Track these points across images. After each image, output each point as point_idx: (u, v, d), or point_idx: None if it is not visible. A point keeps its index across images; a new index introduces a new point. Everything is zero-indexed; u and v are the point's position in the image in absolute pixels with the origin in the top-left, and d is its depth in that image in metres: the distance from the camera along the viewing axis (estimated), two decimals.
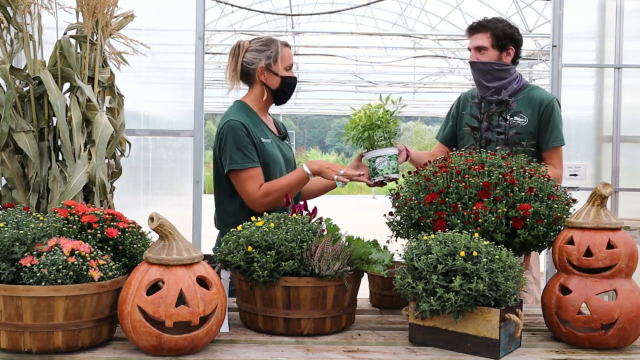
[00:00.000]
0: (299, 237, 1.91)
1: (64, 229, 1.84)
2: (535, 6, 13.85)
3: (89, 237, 1.86)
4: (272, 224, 1.94)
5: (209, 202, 3.14)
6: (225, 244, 1.96)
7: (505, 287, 1.72)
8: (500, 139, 2.53)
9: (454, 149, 2.84)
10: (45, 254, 1.69)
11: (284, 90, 2.71)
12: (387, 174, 2.54)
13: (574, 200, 2.09)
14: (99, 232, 1.88)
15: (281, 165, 2.69)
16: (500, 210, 1.92)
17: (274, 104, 2.78)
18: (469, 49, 3.15)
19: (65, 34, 2.50)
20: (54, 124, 2.42)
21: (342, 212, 15.67)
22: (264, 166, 2.62)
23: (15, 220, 1.75)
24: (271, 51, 2.67)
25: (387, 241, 2.11)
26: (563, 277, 1.88)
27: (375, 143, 2.55)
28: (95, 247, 1.82)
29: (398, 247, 1.93)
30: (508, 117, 2.57)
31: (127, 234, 1.93)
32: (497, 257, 1.75)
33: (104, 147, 2.39)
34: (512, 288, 1.74)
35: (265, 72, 2.67)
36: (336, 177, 2.50)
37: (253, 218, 2.04)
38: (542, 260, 4.07)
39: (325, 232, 1.98)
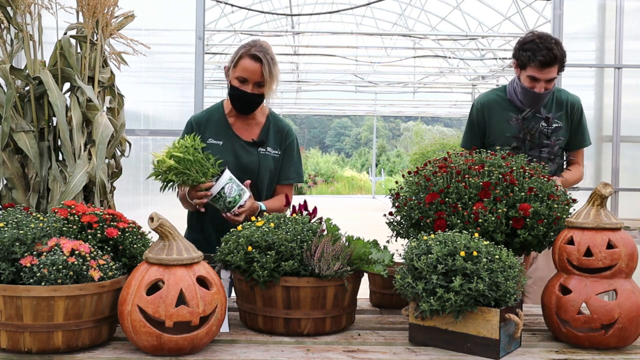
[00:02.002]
0: (299, 237, 1.91)
1: (64, 229, 1.84)
2: (535, 6, 13.85)
3: (89, 237, 1.86)
4: (272, 224, 1.94)
5: None
6: (225, 244, 1.97)
7: (505, 287, 1.72)
8: (545, 156, 2.57)
9: None
10: (45, 254, 1.69)
11: (231, 99, 2.63)
12: (240, 195, 2.37)
13: (574, 200, 2.09)
14: (99, 232, 1.88)
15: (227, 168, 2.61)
16: (500, 210, 1.92)
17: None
18: (533, 78, 2.97)
19: (65, 34, 2.50)
20: (54, 124, 2.42)
21: (342, 212, 15.67)
22: None
23: (15, 220, 1.75)
24: (234, 56, 2.59)
25: (387, 241, 2.11)
26: (563, 277, 1.88)
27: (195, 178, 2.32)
28: (95, 247, 1.82)
29: (398, 247, 1.93)
30: (550, 134, 2.62)
31: (127, 234, 1.93)
32: (497, 257, 1.75)
33: (104, 147, 2.39)
34: (512, 288, 1.74)
35: (226, 74, 2.65)
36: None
37: (253, 218, 2.04)
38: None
39: (325, 232, 1.98)
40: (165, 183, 2.31)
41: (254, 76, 2.55)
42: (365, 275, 2.12)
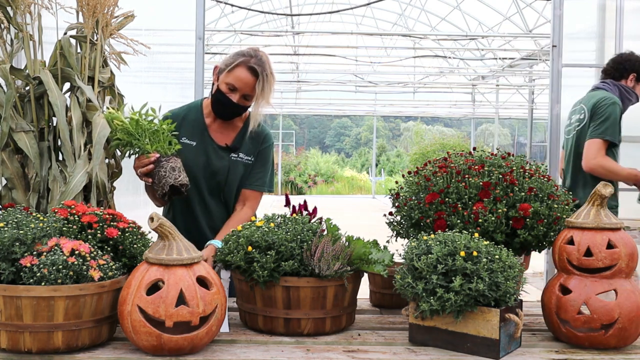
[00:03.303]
0: (299, 237, 1.91)
1: (64, 229, 1.84)
2: (535, 6, 13.85)
3: (89, 237, 1.86)
4: (272, 224, 1.94)
5: None
6: (225, 244, 1.96)
7: (505, 287, 1.72)
8: None
9: None
10: (45, 254, 1.69)
11: (213, 101, 2.57)
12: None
13: (574, 200, 2.09)
14: (99, 232, 1.88)
15: (195, 170, 2.56)
16: (500, 210, 1.92)
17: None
18: None
19: (65, 34, 2.50)
20: (54, 124, 2.41)
21: (342, 212, 15.67)
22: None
23: (15, 220, 1.75)
24: (231, 61, 2.51)
25: (387, 241, 2.11)
26: (563, 277, 1.88)
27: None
28: (95, 247, 1.82)
29: (398, 247, 1.93)
30: None
31: (127, 234, 1.93)
32: (497, 257, 1.75)
33: (105, 147, 2.39)
34: (512, 288, 1.74)
35: (215, 74, 2.58)
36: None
37: (253, 218, 2.04)
38: (542, 260, 4.08)
39: (325, 232, 1.98)
40: (112, 143, 2.28)
41: (245, 88, 2.48)
42: (365, 275, 2.12)
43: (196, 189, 2.58)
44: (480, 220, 1.92)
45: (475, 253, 1.73)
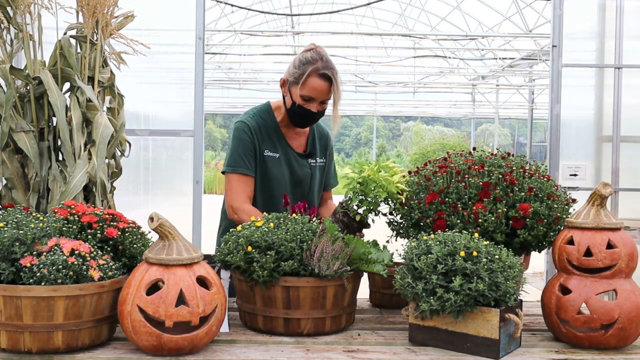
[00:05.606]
0: (298, 237, 1.91)
1: (64, 229, 1.84)
2: (535, 6, 13.85)
3: (89, 237, 1.86)
4: (271, 224, 1.94)
5: (209, 202, 3.14)
6: (225, 244, 1.96)
7: (505, 287, 1.72)
8: None
9: None
10: (45, 254, 1.69)
11: (290, 115, 2.54)
12: None
13: (574, 200, 2.09)
14: (99, 232, 1.88)
15: (283, 183, 2.58)
16: (500, 210, 1.92)
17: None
18: None
19: (65, 34, 2.50)
20: (54, 124, 2.42)
21: None
22: (265, 180, 2.55)
23: (15, 220, 1.75)
24: (300, 72, 2.46)
25: (387, 241, 2.11)
26: (563, 277, 1.88)
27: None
28: (95, 247, 1.82)
29: (398, 247, 1.93)
30: None
31: (127, 234, 1.93)
32: (497, 257, 1.75)
33: (104, 147, 2.39)
34: (512, 288, 1.74)
35: (284, 86, 2.55)
36: None
37: (253, 218, 2.04)
38: (542, 260, 4.09)
39: (324, 232, 1.98)
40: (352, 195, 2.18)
41: (321, 95, 2.46)
42: (365, 275, 2.12)
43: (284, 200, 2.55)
44: (480, 220, 1.92)
45: (475, 253, 1.73)
